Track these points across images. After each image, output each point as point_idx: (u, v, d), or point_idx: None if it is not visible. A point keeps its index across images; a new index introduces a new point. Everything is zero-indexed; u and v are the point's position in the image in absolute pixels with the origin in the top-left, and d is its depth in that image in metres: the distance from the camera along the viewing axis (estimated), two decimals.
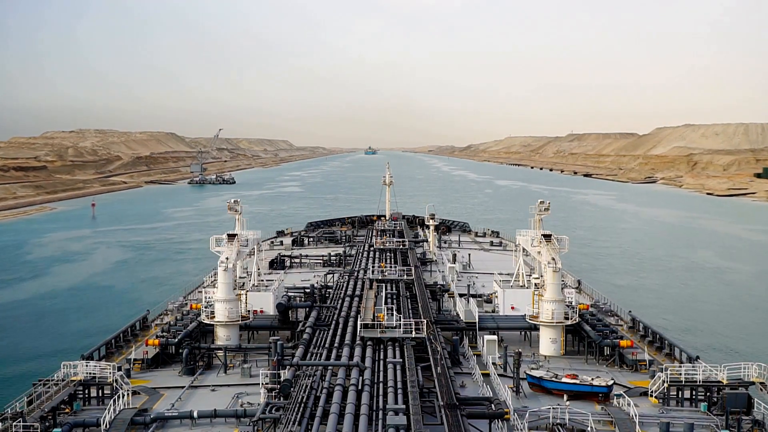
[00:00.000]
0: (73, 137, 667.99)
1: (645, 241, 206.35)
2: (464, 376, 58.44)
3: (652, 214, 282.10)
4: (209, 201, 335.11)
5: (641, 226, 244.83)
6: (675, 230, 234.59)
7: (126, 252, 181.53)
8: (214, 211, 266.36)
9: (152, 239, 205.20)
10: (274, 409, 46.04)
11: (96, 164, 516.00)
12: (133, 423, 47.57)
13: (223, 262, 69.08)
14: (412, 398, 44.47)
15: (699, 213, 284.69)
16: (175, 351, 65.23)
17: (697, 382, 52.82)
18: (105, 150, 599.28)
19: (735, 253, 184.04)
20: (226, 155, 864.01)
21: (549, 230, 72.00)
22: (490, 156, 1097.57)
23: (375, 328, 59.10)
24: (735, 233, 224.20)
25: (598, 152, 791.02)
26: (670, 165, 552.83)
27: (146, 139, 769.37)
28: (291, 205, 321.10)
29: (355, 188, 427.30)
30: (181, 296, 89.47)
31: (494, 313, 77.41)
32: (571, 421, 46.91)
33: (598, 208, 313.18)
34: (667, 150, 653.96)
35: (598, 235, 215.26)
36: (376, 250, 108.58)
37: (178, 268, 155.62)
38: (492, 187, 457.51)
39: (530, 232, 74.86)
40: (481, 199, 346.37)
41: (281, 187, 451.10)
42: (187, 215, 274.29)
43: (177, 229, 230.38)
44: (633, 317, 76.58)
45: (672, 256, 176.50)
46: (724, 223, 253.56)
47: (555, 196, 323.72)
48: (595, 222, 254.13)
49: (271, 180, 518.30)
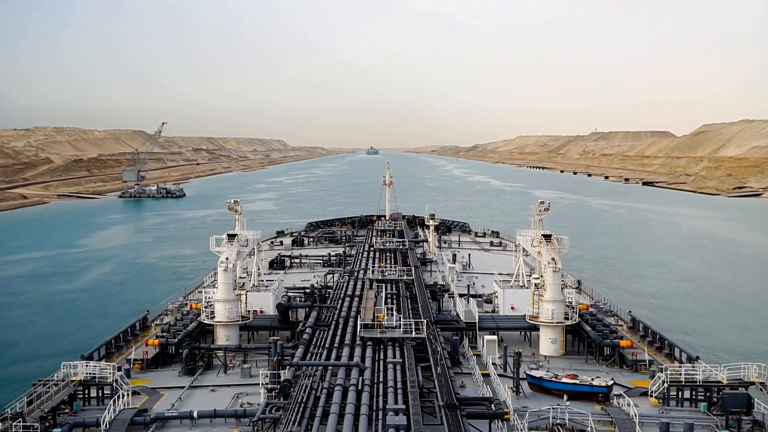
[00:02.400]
0: (17, 135, 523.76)
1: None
2: (464, 376, 58.44)
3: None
4: (127, 231, 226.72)
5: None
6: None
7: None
8: (132, 266, 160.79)
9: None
10: (274, 409, 46.04)
11: (8, 170, 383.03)
12: (133, 423, 47.57)
13: (223, 263, 69.10)
14: (412, 398, 44.47)
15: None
16: (175, 351, 65.23)
17: (697, 382, 52.84)
18: (38, 150, 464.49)
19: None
20: (203, 156, 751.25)
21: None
22: (502, 157, 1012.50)
23: (375, 329, 59.09)
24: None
25: (639, 153, 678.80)
26: (757, 170, 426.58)
27: (104, 137, 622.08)
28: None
29: (347, 202, 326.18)
30: (181, 296, 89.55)
31: (494, 313, 77.39)
32: (571, 421, 46.92)
33: (731, 244, 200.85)
34: (745, 151, 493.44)
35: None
36: (376, 251, 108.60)
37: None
38: (532, 200, 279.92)
39: (530, 232, 74.91)
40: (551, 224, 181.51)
41: (248, 201, 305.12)
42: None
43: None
44: (633, 317, 76.58)
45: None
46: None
47: (634, 217, 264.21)
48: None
49: (239, 189, 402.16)
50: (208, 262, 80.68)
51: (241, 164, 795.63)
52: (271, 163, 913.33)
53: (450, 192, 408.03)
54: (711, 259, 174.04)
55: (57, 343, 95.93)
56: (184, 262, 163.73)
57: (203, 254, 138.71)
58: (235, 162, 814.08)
